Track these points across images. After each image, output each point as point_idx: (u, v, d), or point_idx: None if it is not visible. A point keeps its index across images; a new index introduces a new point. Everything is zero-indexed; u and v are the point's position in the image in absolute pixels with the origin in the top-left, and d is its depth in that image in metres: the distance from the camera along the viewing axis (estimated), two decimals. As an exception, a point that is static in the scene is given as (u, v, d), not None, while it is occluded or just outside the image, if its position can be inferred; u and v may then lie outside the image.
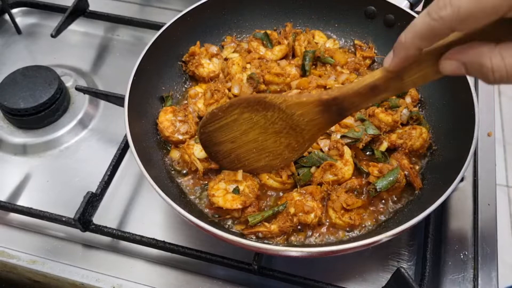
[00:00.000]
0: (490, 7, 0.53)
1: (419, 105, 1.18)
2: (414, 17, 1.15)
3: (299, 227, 1.00)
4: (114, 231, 1.03)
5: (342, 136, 1.07)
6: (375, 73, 0.73)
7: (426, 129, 1.10)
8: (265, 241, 0.97)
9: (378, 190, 0.99)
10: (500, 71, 0.57)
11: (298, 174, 1.02)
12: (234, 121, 0.92)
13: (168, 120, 1.12)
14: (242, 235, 0.97)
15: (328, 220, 1.00)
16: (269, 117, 0.89)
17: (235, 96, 1.19)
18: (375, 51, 1.28)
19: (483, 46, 0.58)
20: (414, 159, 1.09)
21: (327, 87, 1.16)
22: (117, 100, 1.20)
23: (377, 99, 0.77)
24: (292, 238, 0.99)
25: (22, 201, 1.16)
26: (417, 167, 1.07)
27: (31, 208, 1.06)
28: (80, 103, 1.35)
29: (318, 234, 0.99)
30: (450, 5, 0.55)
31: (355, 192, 1.03)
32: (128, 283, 1.02)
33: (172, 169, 1.09)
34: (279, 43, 1.29)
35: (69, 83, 1.38)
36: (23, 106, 1.24)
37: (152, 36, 1.14)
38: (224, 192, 1.00)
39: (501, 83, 0.59)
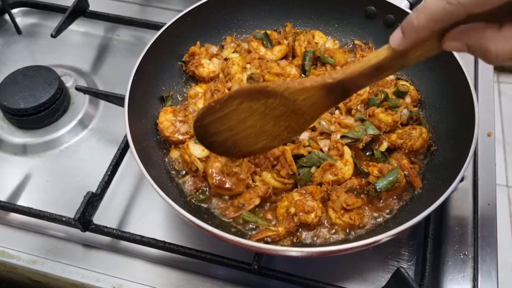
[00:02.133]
0: None
1: (419, 105, 1.18)
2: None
3: (300, 228, 0.99)
4: (114, 231, 1.03)
5: (342, 136, 1.07)
6: (380, 53, 0.73)
7: (426, 129, 1.10)
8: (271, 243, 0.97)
9: (378, 190, 0.99)
10: (503, 55, 0.59)
11: (299, 174, 1.02)
12: (232, 112, 0.89)
13: (168, 120, 1.12)
14: (242, 235, 0.97)
15: (328, 220, 1.00)
16: (270, 104, 0.86)
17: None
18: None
19: (487, 29, 0.60)
20: (414, 159, 1.09)
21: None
22: (117, 100, 1.20)
23: (380, 78, 0.78)
24: (293, 238, 0.99)
25: (22, 201, 1.16)
26: (417, 167, 1.07)
27: (31, 208, 1.06)
28: (80, 103, 1.35)
29: (318, 234, 0.99)
30: None
31: (355, 192, 1.03)
32: (128, 283, 1.02)
33: (172, 169, 1.09)
34: (279, 43, 1.29)
35: (69, 83, 1.38)
36: (23, 106, 1.24)
37: (152, 36, 1.14)
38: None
39: (502, 64, 0.60)
